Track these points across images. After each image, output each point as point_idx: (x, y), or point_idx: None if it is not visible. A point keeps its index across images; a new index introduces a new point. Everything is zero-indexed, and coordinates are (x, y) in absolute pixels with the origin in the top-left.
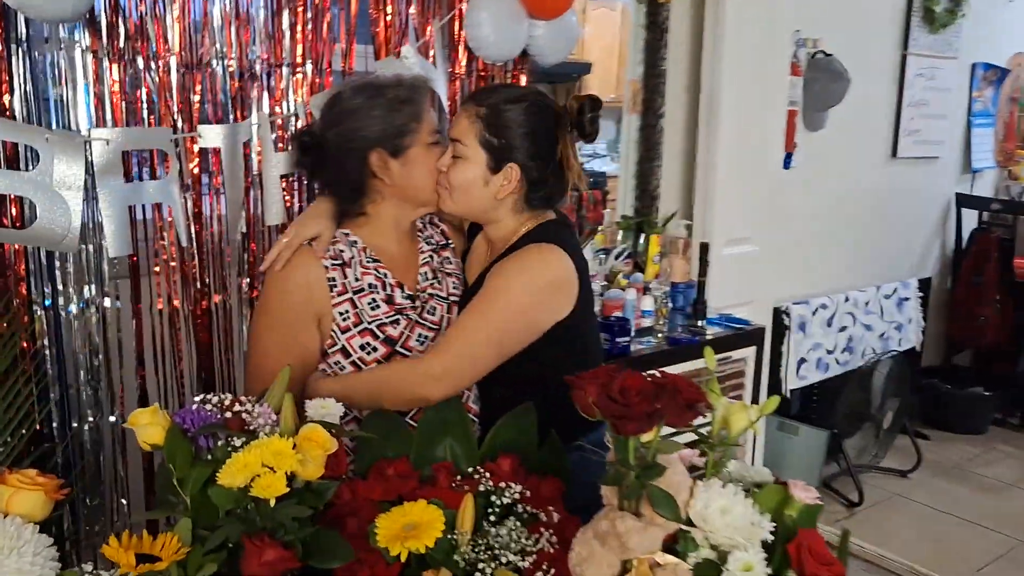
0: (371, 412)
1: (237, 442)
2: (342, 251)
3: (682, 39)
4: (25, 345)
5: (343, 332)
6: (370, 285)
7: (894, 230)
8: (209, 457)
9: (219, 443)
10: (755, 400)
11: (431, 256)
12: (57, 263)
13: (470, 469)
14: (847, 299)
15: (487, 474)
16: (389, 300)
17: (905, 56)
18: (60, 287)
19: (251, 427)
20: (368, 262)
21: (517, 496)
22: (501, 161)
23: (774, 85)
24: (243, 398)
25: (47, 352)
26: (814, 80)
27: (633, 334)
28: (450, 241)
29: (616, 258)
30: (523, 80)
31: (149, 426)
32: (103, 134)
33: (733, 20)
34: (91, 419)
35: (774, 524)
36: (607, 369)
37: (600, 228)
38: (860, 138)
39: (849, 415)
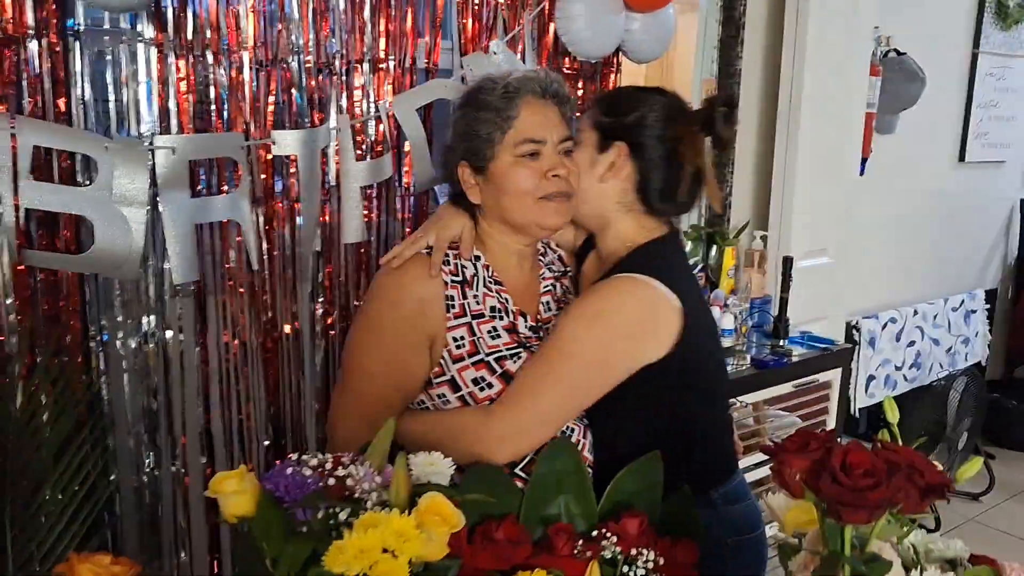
0: (472, 473)
1: (342, 514)
2: (464, 267)
3: (759, 35)
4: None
5: (455, 362)
6: (492, 310)
7: (960, 239)
8: (305, 529)
9: (318, 514)
10: (839, 426)
11: (554, 284)
12: (117, 292)
13: (592, 532)
14: (916, 312)
15: (612, 537)
16: (512, 329)
17: (976, 55)
18: (119, 319)
19: (354, 494)
20: (491, 283)
21: (651, 564)
22: (609, 139)
23: (855, 85)
24: (344, 457)
25: (105, 397)
26: (887, 80)
27: None
28: (569, 269)
29: None
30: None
31: (236, 494)
32: (168, 141)
33: (816, 14)
34: (149, 469)
35: None
36: (812, 437)
37: None
38: (929, 142)
39: (922, 436)
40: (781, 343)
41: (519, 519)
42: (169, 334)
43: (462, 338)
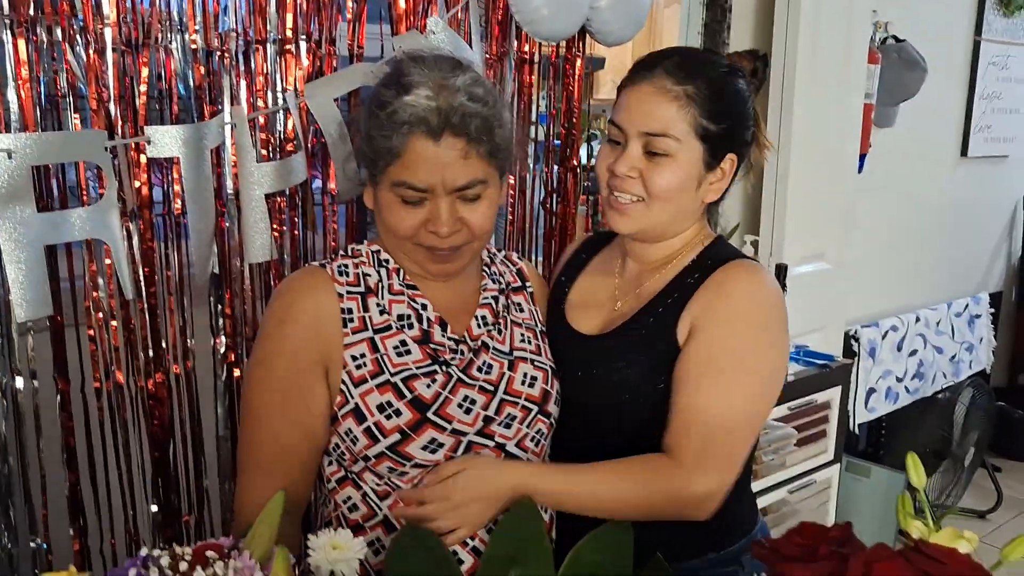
0: (403, 536)
1: None
2: (367, 275)
3: (746, 19)
4: None
5: (356, 385)
6: (399, 318)
7: (963, 239)
8: None
9: None
10: (837, 449)
11: (495, 297)
12: None
13: None
14: (918, 319)
15: None
16: (423, 340)
17: (978, 42)
18: None
19: None
20: (402, 287)
21: None
22: (721, 152)
23: (852, 74)
24: (212, 549)
25: None
26: (886, 69)
27: None
28: (529, 284)
29: None
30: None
31: None
32: (4, 142)
33: None
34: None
35: None
36: (820, 537)
37: None
38: (929, 136)
39: (927, 452)
40: None
41: None
42: (20, 381)
43: (362, 356)
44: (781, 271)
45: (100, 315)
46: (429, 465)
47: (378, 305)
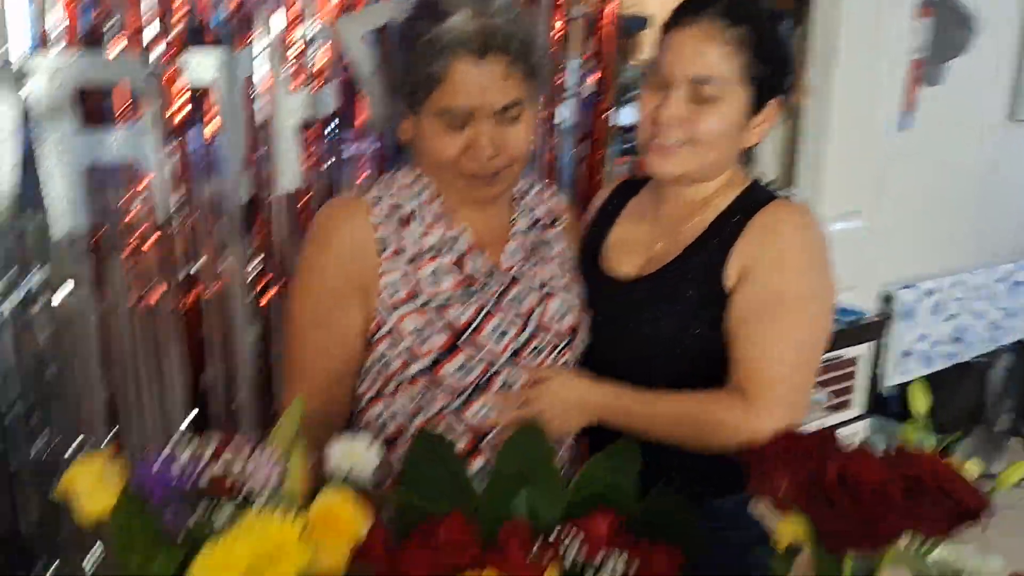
0: (418, 442)
1: (219, 517)
2: (400, 205)
3: None
4: None
5: (392, 309)
6: (434, 247)
7: (1009, 203)
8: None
9: (196, 518)
10: (863, 405)
11: (527, 231)
12: None
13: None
14: (957, 282)
15: (577, 538)
16: (458, 266)
17: None
18: None
19: (244, 490)
20: (435, 216)
21: (620, 571)
22: (765, 96)
23: (898, 28)
24: (234, 444)
25: None
26: (934, 24)
27: None
28: (561, 220)
29: None
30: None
31: (92, 487)
32: (47, 63)
33: None
34: (40, 453)
35: None
36: (799, 439)
37: None
38: (977, 96)
39: (959, 417)
40: None
41: (476, 516)
42: (59, 295)
43: (398, 282)
44: None
45: (136, 235)
46: (460, 388)
47: (413, 233)
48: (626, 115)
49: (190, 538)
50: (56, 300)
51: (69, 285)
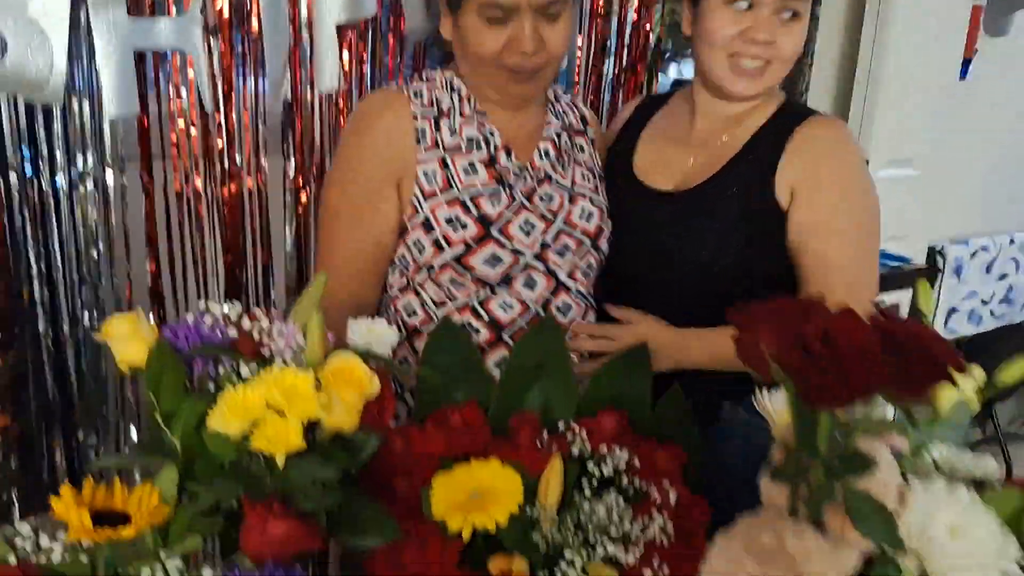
0: (435, 336)
1: (244, 371)
2: (438, 99)
3: None
4: None
5: (426, 198)
6: (469, 141)
7: None
8: (211, 387)
9: (222, 372)
10: None
11: (558, 134)
12: (41, 120)
13: (562, 425)
14: (1012, 241)
15: (583, 431)
16: (490, 164)
17: None
18: (45, 152)
19: (268, 352)
20: (471, 112)
21: (623, 464)
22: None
23: None
24: (260, 311)
25: (28, 235)
26: None
27: None
28: (590, 129)
29: None
30: None
31: (129, 339)
32: None
33: None
34: (87, 324)
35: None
36: (787, 303)
37: None
38: None
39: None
40: None
41: (490, 407)
42: (109, 175)
43: (433, 172)
44: None
45: (182, 122)
46: (487, 279)
47: (449, 127)
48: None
49: (218, 386)
50: (109, 180)
51: (118, 167)
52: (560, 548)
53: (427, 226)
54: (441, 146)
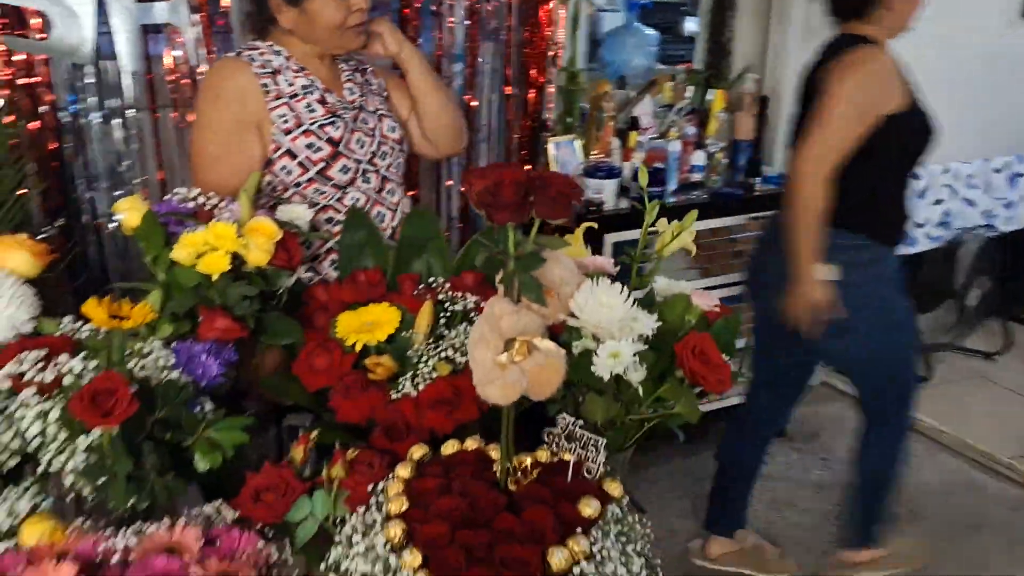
0: (349, 224)
1: (200, 229)
2: (270, 60)
3: None
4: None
5: (286, 135)
6: (303, 88)
7: (1013, 100)
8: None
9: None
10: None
11: (353, 74)
12: (80, 75)
13: (433, 281)
14: (946, 170)
15: (447, 284)
16: (323, 102)
17: None
18: (84, 97)
19: (217, 219)
20: (297, 68)
21: (472, 305)
22: None
23: None
24: (216, 198)
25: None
26: None
27: (675, 187)
28: (369, 68)
29: (677, 114)
30: None
31: (130, 211)
32: None
33: None
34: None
35: (659, 322)
36: (497, 166)
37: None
38: None
39: (927, 290)
40: (750, 181)
41: (389, 271)
42: (129, 112)
43: (285, 114)
44: (763, 102)
45: (176, 75)
46: (341, 184)
47: (286, 80)
48: None
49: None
50: (128, 116)
51: (134, 108)
52: (425, 356)
53: (291, 153)
54: (284, 95)
